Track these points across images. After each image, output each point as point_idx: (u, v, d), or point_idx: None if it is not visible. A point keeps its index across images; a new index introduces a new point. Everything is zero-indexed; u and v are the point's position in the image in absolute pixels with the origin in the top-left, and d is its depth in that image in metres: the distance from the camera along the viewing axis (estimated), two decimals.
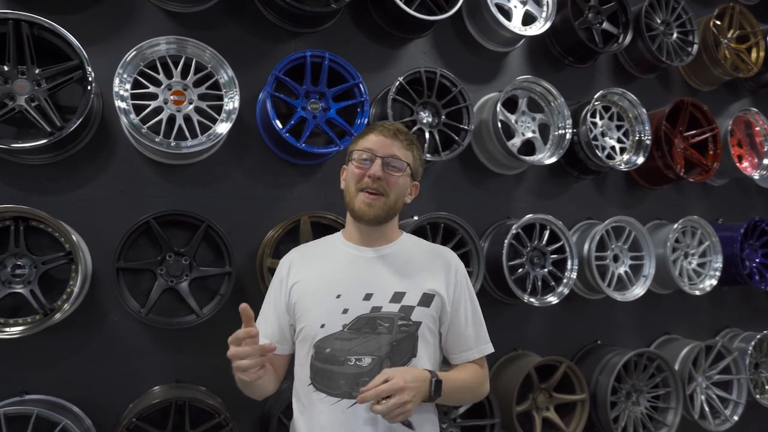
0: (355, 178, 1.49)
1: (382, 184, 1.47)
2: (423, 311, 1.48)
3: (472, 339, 1.56)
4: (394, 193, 1.50)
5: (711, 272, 3.21)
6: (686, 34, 3.24)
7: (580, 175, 3.08)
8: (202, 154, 2.34)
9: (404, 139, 1.53)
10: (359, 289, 1.48)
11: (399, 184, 1.50)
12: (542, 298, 2.72)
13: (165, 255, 2.22)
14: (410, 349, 1.45)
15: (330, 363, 1.41)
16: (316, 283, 1.51)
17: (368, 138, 1.52)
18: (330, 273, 1.52)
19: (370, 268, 1.52)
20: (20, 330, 2.01)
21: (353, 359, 1.40)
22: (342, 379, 1.40)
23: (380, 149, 1.48)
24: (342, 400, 1.42)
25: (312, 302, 1.49)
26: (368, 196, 1.47)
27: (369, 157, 1.48)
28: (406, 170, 1.51)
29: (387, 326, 1.44)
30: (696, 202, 3.47)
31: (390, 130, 1.51)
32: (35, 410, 1.99)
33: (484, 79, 2.92)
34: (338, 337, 1.42)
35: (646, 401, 2.96)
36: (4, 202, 2.06)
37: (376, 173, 1.45)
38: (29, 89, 2.03)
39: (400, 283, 1.49)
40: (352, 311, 1.44)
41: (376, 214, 1.48)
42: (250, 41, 2.47)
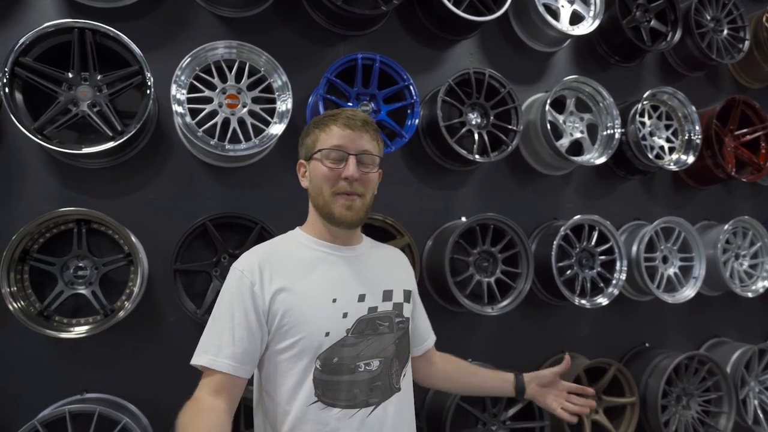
0: (329, 180, 1.34)
1: (357, 186, 1.34)
2: (408, 307, 1.45)
3: (427, 329, 1.64)
4: (370, 192, 1.38)
5: (764, 274, 3.13)
6: (737, 30, 3.17)
7: (627, 175, 3.03)
8: (254, 156, 2.36)
9: (372, 130, 1.39)
10: (352, 291, 1.36)
11: (372, 181, 1.39)
12: (592, 299, 2.69)
13: (220, 257, 2.25)
14: (407, 345, 1.44)
15: (340, 373, 1.27)
16: (305, 288, 1.32)
17: (333, 131, 1.34)
18: (315, 276, 1.34)
19: (353, 268, 1.40)
20: (85, 330, 2.06)
21: (362, 365, 1.29)
22: (356, 388, 1.27)
23: (350, 145, 1.33)
24: (360, 410, 1.30)
25: (309, 310, 1.30)
26: (347, 199, 1.34)
27: (340, 156, 1.33)
28: (377, 163, 1.40)
29: (387, 325, 1.37)
30: (745, 202, 3.39)
31: (356, 121, 1.35)
32: (98, 408, 2.04)
33: (530, 79, 2.90)
34: (344, 344, 1.28)
35: (698, 405, 2.91)
36: (65, 205, 2.11)
37: (353, 175, 1.31)
38: (91, 95, 2.08)
39: (385, 282, 1.42)
40: (351, 315, 1.32)
41: (356, 217, 1.36)
42: (299, 44, 2.49)
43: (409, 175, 2.61)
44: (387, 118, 2.40)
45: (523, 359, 2.75)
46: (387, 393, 1.30)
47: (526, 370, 2.59)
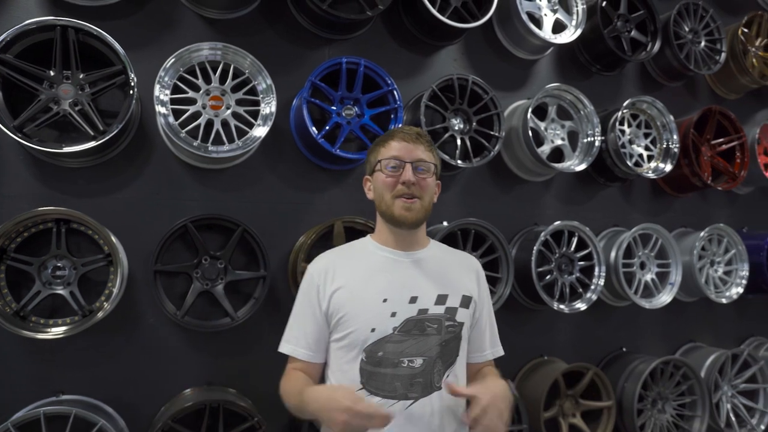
0: (389, 186, 1.51)
1: (415, 189, 1.49)
2: (464, 312, 1.53)
3: (489, 340, 1.63)
4: (427, 195, 1.52)
5: (737, 280, 3.20)
6: (714, 42, 3.24)
7: (606, 182, 3.08)
8: (237, 158, 2.36)
9: (426, 141, 1.55)
10: (404, 293, 1.49)
11: (429, 186, 1.53)
12: (571, 304, 2.72)
13: (201, 258, 2.25)
14: (456, 349, 1.51)
15: (383, 366, 1.42)
16: (360, 288, 1.50)
17: (391, 145, 1.53)
18: (372, 278, 1.52)
19: (410, 271, 1.54)
20: (62, 331, 2.04)
21: (406, 361, 1.42)
22: (397, 381, 1.41)
23: (407, 155, 1.50)
24: (399, 401, 1.43)
25: (360, 307, 1.48)
26: (405, 201, 1.49)
27: (397, 164, 1.49)
28: (433, 171, 1.54)
29: (435, 327, 1.47)
30: (721, 210, 3.46)
31: (411, 135, 1.53)
32: (74, 410, 2.02)
33: (512, 86, 2.93)
34: (389, 341, 1.43)
35: (672, 409, 2.96)
36: (45, 205, 2.09)
37: (409, 179, 1.47)
38: (73, 94, 2.06)
39: (440, 287, 1.53)
40: (400, 314, 1.46)
41: (416, 218, 1.50)
42: (284, 47, 2.50)
43: None
44: (370, 123, 2.41)
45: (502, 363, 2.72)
46: (427, 390, 1.41)
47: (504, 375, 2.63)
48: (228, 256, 2.27)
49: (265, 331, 2.41)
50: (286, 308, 2.41)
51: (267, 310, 2.39)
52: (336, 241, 2.37)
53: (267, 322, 2.41)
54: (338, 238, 2.37)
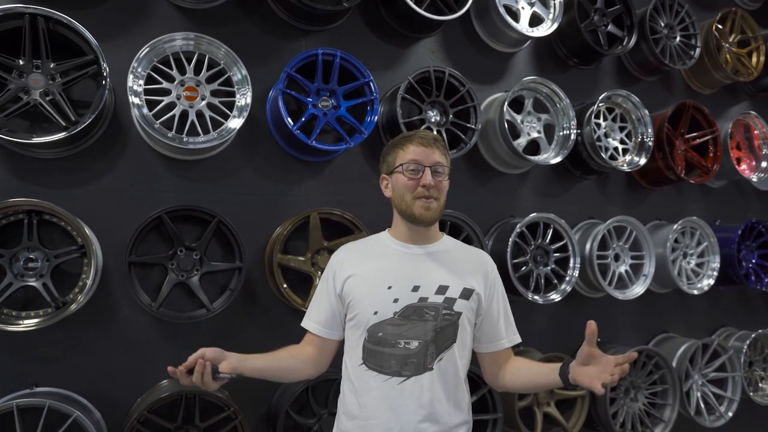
0: (409, 188, 1.63)
1: (433, 191, 1.62)
2: (463, 303, 1.64)
3: (503, 330, 1.74)
4: (443, 196, 1.67)
5: (709, 272, 3.27)
6: (689, 37, 3.29)
7: (582, 175, 3.12)
8: (213, 150, 2.36)
9: (441, 146, 1.68)
10: (408, 282, 1.63)
11: (445, 188, 1.68)
12: (545, 295, 2.76)
13: (176, 250, 2.24)
14: (452, 336, 1.63)
15: (382, 345, 1.58)
16: (370, 276, 1.66)
17: (410, 149, 1.64)
18: (382, 267, 1.67)
19: (418, 263, 1.67)
20: (35, 323, 2.03)
21: (402, 342, 1.56)
22: (392, 359, 1.56)
23: (426, 159, 1.63)
24: (392, 377, 1.58)
25: (366, 292, 1.64)
26: (425, 201, 1.62)
27: (417, 168, 1.62)
28: (448, 174, 1.68)
29: (433, 314, 1.60)
30: (695, 203, 3.53)
31: (429, 140, 1.66)
32: (47, 402, 2.01)
33: (490, 79, 2.95)
34: (390, 323, 1.58)
35: (644, 398, 3.02)
36: (16, 196, 2.07)
37: (429, 182, 1.60)
38: (44, 83, 2.04)
39: (444, 278, 1.65)
40: (401, 301, 1.61)
41: (434, 216, 1.64)
42: (260, 38, 2.49)
43: (368, 171, 2.63)
44: (346, 114, 2.42)
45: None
46: (419, 370, 1.55)
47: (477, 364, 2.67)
48: (203, 248, 2.27)
49: (242, 322, 2.42)
50: (262, 299, 2.46)
51: (243, 302, 2.39)
52: (312, 233, 2.38)
53: (243, 313, 2.41)
54: (314, 230, 2.38)
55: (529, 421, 2.74)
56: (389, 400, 1.56)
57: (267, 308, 2.43)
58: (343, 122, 2.43)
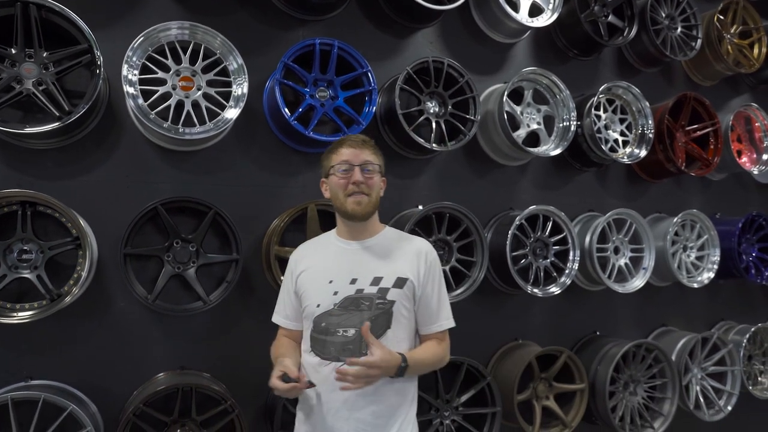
0: (341, 187, 1.75)
1: (363, 187, 1.74)
2: (397, 292, 1.74)
3: (435, 315, 1.81)
4: (374, 192, 1.77)
5: (709, 265, 3.25)
6: (690, 28, 3.26)
7: (582, 167, 3.10)
8: (209, 140, 2.33)
9: (370, 147, 1.79)
10: (347, 275, 1.76)
11: (376, 184, 1.78)
12: (545, 288, 2.75)
13: (172, 241, 2.22)
14: (385, 323, 1.73)
15: (324, 334, 1.71)
16: (315, 272, 1.81)
17: (341, 152, 1.76)
18: (325, 263, 1.82)
19: (355, 257, 1.79)
20: (29, 315, 2.01)
21: (341, 331, 1.69)
22: (332, 347, 1.70)
23: (355, 159, 1.75)
24: (331, 363, 1.70)
25: (311, 287, 1.79)
26: (356, 198, 1.74)
27: (348, 167, 1.74)
28: (378, 171, 1.78)
29: (367, 304, 1.72)
30: (695, 196, 3.50)
31: (358, 141, 1.78)
32: (42, 395, 1.99)
33: (489, 70, 2.92)
34: (330, 314, 1.72)
35: (643, 391, 3.01)
36: (9, 187, 2.05)
37: (358, 179, 1.73)
38: (37, 73, 2.01)
39: (379, 269, 1.76)
40: (341, 293, 1.74)
41: (365, 211, 1.75)
42: (257, 28, 2.46)
43: None
44: (344, 105, 2.39)
45: (476, 347, 2.79)
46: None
47: (479, 357, 2.66)
48: (200, 240, 2.24)
49: (239, 314, 2.40)
50: (259, 291, 2.43)
51: (240, 294, 2.37)
52: (310, 225, 2.35)
53: (240, 305, 2.40)
54: (312, 222, 2.36)
55: (528, 415, 2.73)
56: (331, 383, 1.66)
57: (264, 300, 2.41)
58: (341, 113, 2.41)
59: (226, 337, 2.40)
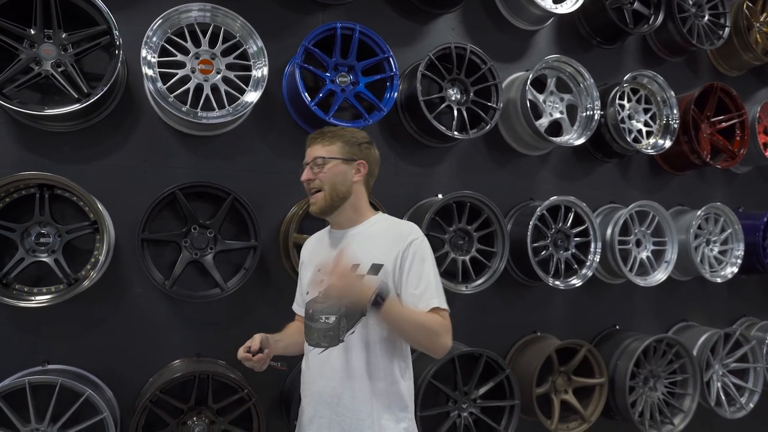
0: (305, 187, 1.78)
1: (313, 183, 1.74)
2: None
3: (418, 296, 1.71)
4: (327, 184, 1.73)
5: (732, 260, 3.18)
6: (718, 16, 3.17)
7: (604, 158, 3.04)
8: (228, 125, 2.30)
9: (326, 137, 1.76)
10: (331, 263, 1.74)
11: (329, 174, 1.73)
12: (566, 280, 2.70)
13: (190, 227, 2.19)
14: (359, 309, 1.69)
15: (310, 320, 1.72)
16: (310, 261, 1.87)
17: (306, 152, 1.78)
18: (317, 253, 1.86)
19: (340, 245, 1.80)
20: (47, 299, 1.99)
21: (323, 317, 1.70)
22: (315, 333, 1.71)
23: (307, 157, 1.76)
24: (314, 349, 1.73)
25: (305, 277, 1.87)
26: (311, 197, 1.77)
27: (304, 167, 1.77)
28: (332, 161, 1.73)
29: None
30: (718, 189, 3.43)
31: (312, 138, 1.78)
32: (59, 380, 1.98)
33: (510, 57, 2.87)
34: (316, 301, 1.73)
35: (664, 387, 2.96)
36: (27, 170, 2.02)
37: (304, 178, 1.75)
38: (55, 54, 1.99)
39: (357, 257, 1.73)
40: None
41: (320, 207, 1.76)
42: (277, 11, 2.42)
43: (386, 149, 2.57)
44: (365, 91, 2.35)
45: (495, 339, 2.76)
46: (333, 342, 1.68)
47: (497, 350, 2.62)
48: (218, 226, 2.22)
49: (256, 301, 2.37)
50: (276, 279, 2.41)
51: (258, 281, 2.35)
52: None
53: (257, 292, 2.37)
54: None
55: (546, 409, 2.69)
56: (317, 367, 1.74)
57: (281, 289, 2.38)
58: (361, 99, 2.36)
59: (242, 325, 2.37)
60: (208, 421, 2.14)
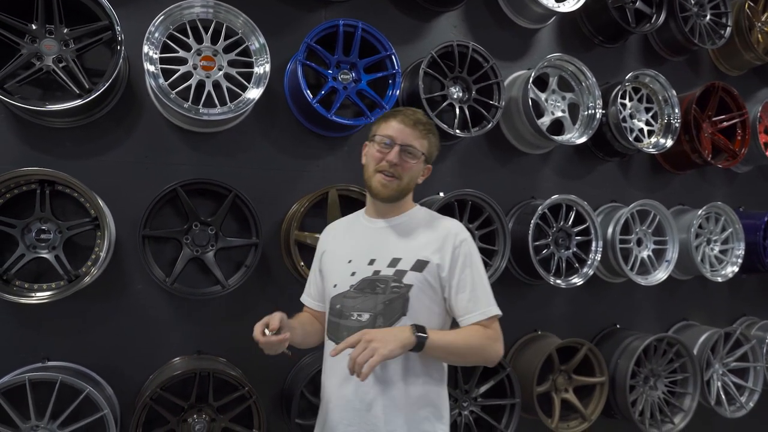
0: (375, 160, 1.64)
1: (397, 169, 1.62)
2: (415, 275, 1.61)
3: (472, 302, 1.62)
4: (407, 177, 1.65)
5: (733, 259, 3.18)
6: (720, 16, 3.17)
7: (605, 156, 3.04)
8: (229, 122, 2.29)
9: (422, 129, 1.66)
10: (366, 255, 1.66)
11: (412, 169, 1.66)
12: (567, 279, 2.69)
13: (191, 224, 2.19)
14: (400, 309, 1.60)
15: (338, 317, 1.62)
16: (338, 251, 1.74)
17: (390, 124, 1.65)
18: (348, 242, 1.74)
19: (378, 236, 1.70)
20: (47, 296, 1.98)
21: (355, 314, 1.60)
22: (345, 331, 1.58)
23: (399, 137, 1.63)
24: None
25: (331, 267, 1.73)
26: (384, 178, 1.63)
27: (389, 143, 1.63)
28: (421, 158, 1.66)
29: (382, 287, 1.61)
30: (719, 188, 3.43)
31: (411, 120, 1.65)
32: (60, 377, 1.97)
33: (512, 55, 2.86)
34: (345, 296, 1.63)
35: (664, 386, 2.96)
36: (28, 165, 2.02)
37: (393, 159, 1.61)
38: (57, 49, 1.98)
39: (399, 250, 1.64)
40: (358, 274, 1.64)
41: (389, 194, 1.65)
42: (278, 8, 2.41)
43: None
44: (367, 88, 2.34)
45: None
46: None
47: None
48: (219, 223, 2.21)
49: (257, 299, 2.37)
50: (278, 276, 2.40)
51: (259, 278, 2.34)
52: (330, 210, 2.31)
53: (258, 290, 2.36)
54: (333, 207, 2.32)
55: (546, 407, 2.69)
56: (340, 370, 1.57)
57: (283, 286, 2.38)
58: (363, 96, 2.36)
59: (243, 323, 2.33)
60: (208, 419, 2.14)
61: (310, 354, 2.38)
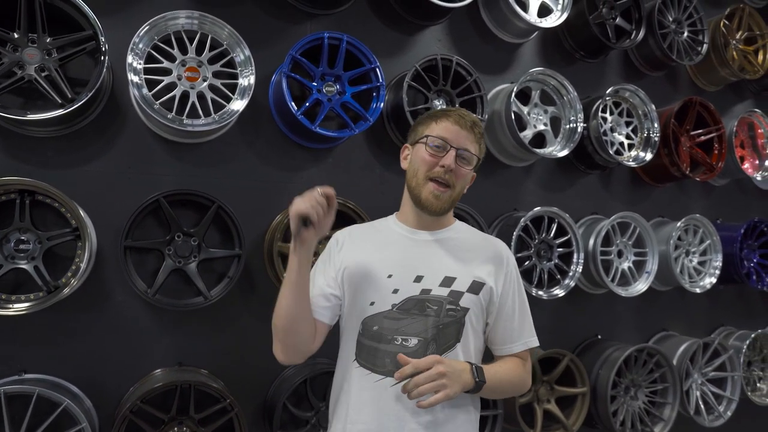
0: (427, 164, 1.47)
1: (452, 176, 1.46)
2: (471, 298, 1.46)
3: (517, 331, 1.53)
4: (459, 186, 1.50)
5: (711, 270, 3.24)
6: (696, 33, 3.25)
7: (586, 169, 3.08)
8: (213, 133, 2.29)
9: (477, 132, 1.52)
10: (410, 271, 1.47)
11: (465, 177, 1.51)
12: (549, 290, 2.72)
13: (174, 235, 2.17)
14: (455, 334, 1.44)
15: (377, 341, 1.41)
16: (369, 262, 1.49)
17: (443, 124, 1.48)
18: (384, 254, 1.51)
19: (423, 251, 1.51)
20: (25, 307, 1.95)
21: (399, 339, 1.39)
22: (387, 358, 1.38)
23: (455, 140, 1.46)
24: (386, 378, 1.40)
25: (364, 280, 1.48)
26: (437, 188, 1.46)
27: (443, 145, 1.46)
28: (474, 164, 1.52)
29: (435, 309, 1.43)
30: (697, 201, 3.50)
31: (467, 121, 1.49)
32: (36, 390, 1.94)
33: (495, 69, 2.90)
34: (386, 316, 1.42)
35: (644, 396, 2.99)
36: (8, 175, 2.00)
37: (450, 165, 1.44)
38: (39, 58, 1.96)
39: (451, 268, 1.48)
40: (402, 292, 1.44)
41: (442, 206, 1.48)
42: (264, 20, 2.42)
43: (372, 160, 2.58)
44: (351, 101, 2.35)
45: None
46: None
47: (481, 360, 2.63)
48: (202, 234, 2.20)
49: (239, 311, 2.36)
50: (261, 288, 2.39)
51: (241, 290, 2.33)
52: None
53: (241, 301, 2.35)
54: None
55: (529, 418, 2.70)
56: (381, 404, 1.39)
57: (266, 297, 2.37)
58: (347, 109, 2.37)
59: (225, 334, 2.35)
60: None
61: (292, 366, 2.37)
